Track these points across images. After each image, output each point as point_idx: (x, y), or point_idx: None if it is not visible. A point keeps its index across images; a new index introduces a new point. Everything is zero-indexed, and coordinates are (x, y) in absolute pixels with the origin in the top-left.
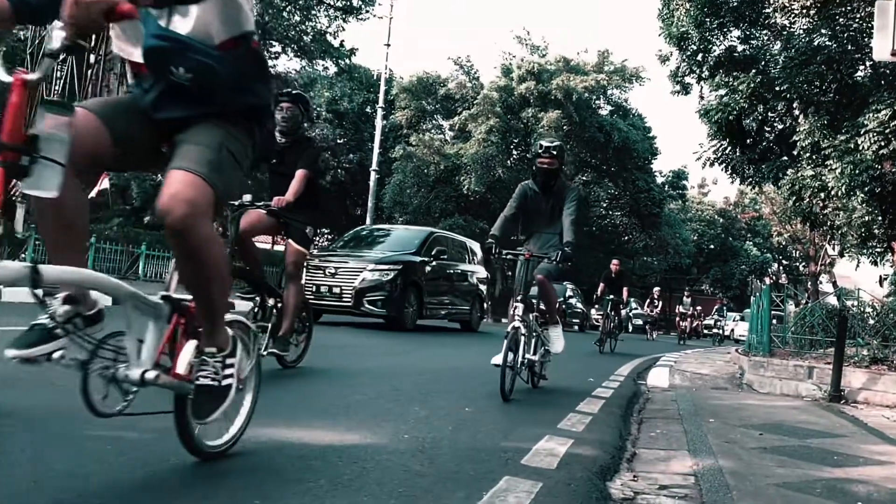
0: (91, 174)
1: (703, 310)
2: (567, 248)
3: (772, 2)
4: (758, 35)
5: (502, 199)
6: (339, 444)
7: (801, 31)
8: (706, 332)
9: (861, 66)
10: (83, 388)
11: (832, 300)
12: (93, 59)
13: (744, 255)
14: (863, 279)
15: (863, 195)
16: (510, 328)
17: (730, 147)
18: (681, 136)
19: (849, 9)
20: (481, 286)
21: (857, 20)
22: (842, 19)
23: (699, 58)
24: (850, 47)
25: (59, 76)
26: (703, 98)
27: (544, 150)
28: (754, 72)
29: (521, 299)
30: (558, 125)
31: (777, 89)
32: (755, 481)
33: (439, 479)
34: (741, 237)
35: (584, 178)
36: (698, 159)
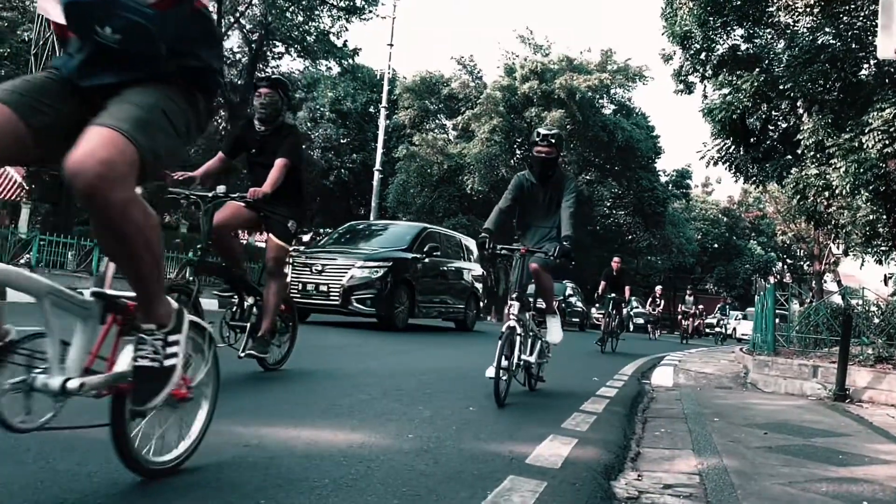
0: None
1: (705, 308)
2: (565, 243)
3: (775, 0)
4: (761, 34)
5: None
6: (343, 443)
7: (804, 30)
8: (707, 331)
9: (865, 65)
10: None
11: (837, 299)
12: None
13: (748, 254)
14: (867, 278)
15: (867, 194)
16: (505, 328)
17: (733, 146)
18: (684, 135)
19: (853, 7)
20: (477, 284)
21: (861, 18)
22: (846, 17)
23: (702, 56)
24: (854, 46)
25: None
26: (706, 97)
27: (542, 139)
28: (758, 70)
29: (516, 297)
30: (562, 124)
31: (781, 88)
32: (760, 480)
33: (443, 479)
34: (745, 236)
35: (587, 177)
36: (702, 158)
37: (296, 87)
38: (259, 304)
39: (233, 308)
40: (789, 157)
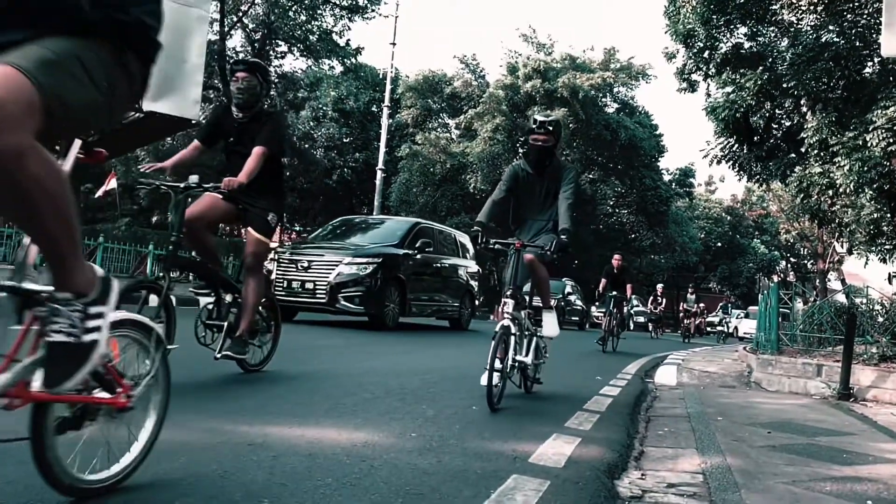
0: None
1: (707, 307)
2: (563, 237)
3: None
4: (765, 32)
5: None
6: (346, 442)
7: (808, 28)
8: (709, 329)
9: (869, 63)
10: None
11: (841, 298)
12: None
13: (751, 253)
14: (872, 276)
15: (871, 192)
16: (499, 327)
17: (737, 144)
18: (688, 133)
19: (856, 4)
20: (472, 282)
21: (864, 16)
22: (849, 15)
23: (706, 55)
24: (857, 44)
25: None
26: (709, 95)
27: (538, 126)
28: (761, 69)
29: (510, 294)
30: (564, 123)
31: (784, 86)
32: (764, 479)
33: (447, 478)
34: (749, 235)
35: (590, 175)
36: (705, 157)
37: (298, 86)
38: (238, 301)
39: (209, 306)
40: (793, 155)
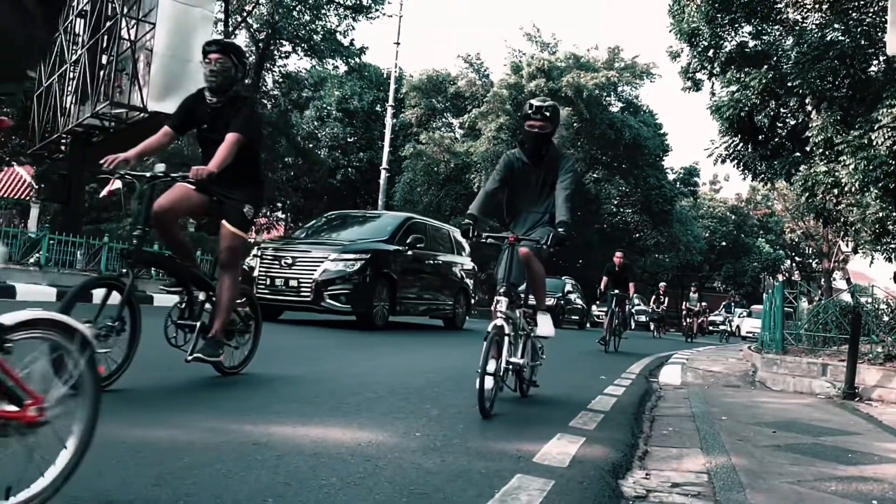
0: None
1: (709, 306)
2: (560, 230)
3: None
4: (769, 30)
5: None
6: (351, 441)
7: (813, 26)
8: (711, 328)
9: (874, 61)
10: None
11: (846, 297)
12: (105, 59)
13: (756, 252)
14: (877, 275)
15: (877, 191)
16: (491, 326)
17: (741, 143)
18: (692, 132)
19: (862, 3)
20: (467, 279)
21: (870, 15)
22: (855, 14)
23: (710, 54)
24: (863, 42)
25: (71, 77)
26: (714, 94)
27: (535, 111)
28: (766, 67)
29: (504, 292)
30: (569, 122)
31: (789, 85)
32: (769, 479)
33: (451, 478)
34: (753, 234)
35: (594, 175)
36: (710, 156)
37: (303, 86)
38: (212, 300)
39: (181, 305)
40: (798, 154)
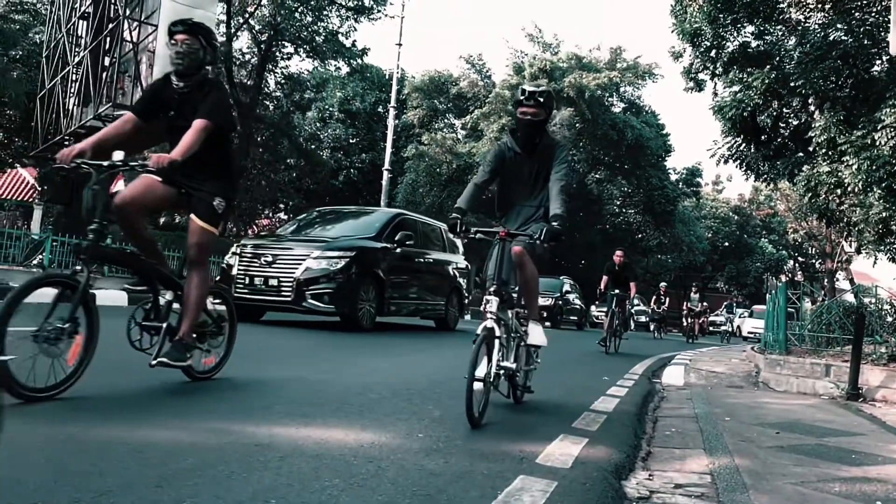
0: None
1: (709, 306)
2: (555, 223)
3: None
4: (772, 30)
5: None
6: (353, 442)
7: (816, 26)
8: (712, 328)
9: (877, 61)
10: None
11: (849, 297)
12: (107, 62)
13: (759, 253)
14: (880, 276)
15: (880, 191)
16: (481, 329)
17: (744, 144)
18: (695, 133)
19: (865, 3)
20: (461, 278)
21: (873, 14)
22: (858, 14)
23: (713, 54)
24: (866, 42)
25: (74, 79)
26: (716, 94)
27: (528, 97)
28: (769, 67)
29: (494, 291)
30: (571, 123)
31: (792, 85)
32: (772, 480)
33: (454, 479)
34: (756, 234)
35: (597, 175)
36: (712, 156)
37: (305, 87)
38: (181, 299)
39: (146, 305)
40: (801, 154)
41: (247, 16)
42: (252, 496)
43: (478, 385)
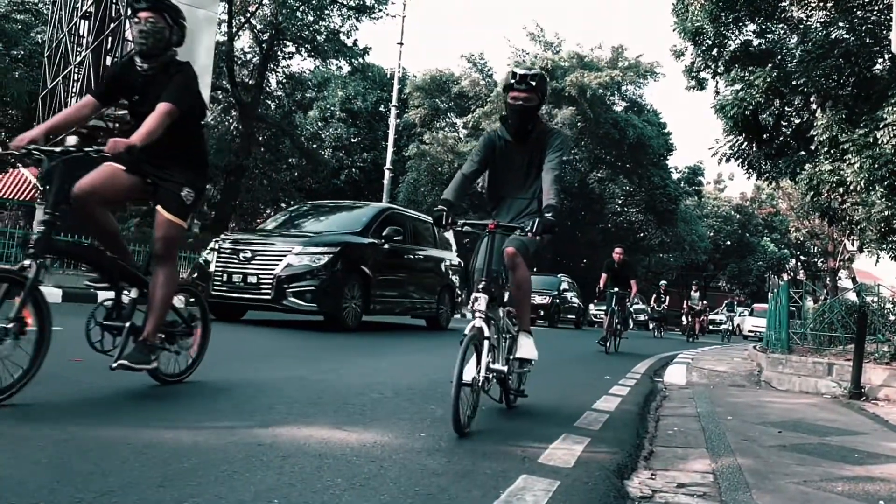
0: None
1: (709, 304)
2: (548, 214)
3: None
4: (774, 29)
5: None
6: (356, 442)
7: (818, 25)
8: (711, 327)
9: (879, 60)
10: None
11: (851, 296)
12: (109, 61)
13: (761, 252)
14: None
15: (882, 189)
16: (468, 329)
17: (746, 142)
18: (696, 131)
19: (866, 1)
20: (453, 276)
21: (875, 13)
22: (859, 12)
23: (714, 53)
24: (868, 40)
25: (76, 79)
26: (718, 93)
27: (519, 80)
28: (770, 66)
29: (483, 287)
30: (572, 122)
31: (794, 83)
32: (775, 479)
33: (456, 478)
34: (758, 233)
35: (599, 174)
36: (714, 155)
37: (306, 86)
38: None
39: (107, 303)
40: (803, 153)
41: (248, 15)
42: (254, 496)
43: (468, 390)
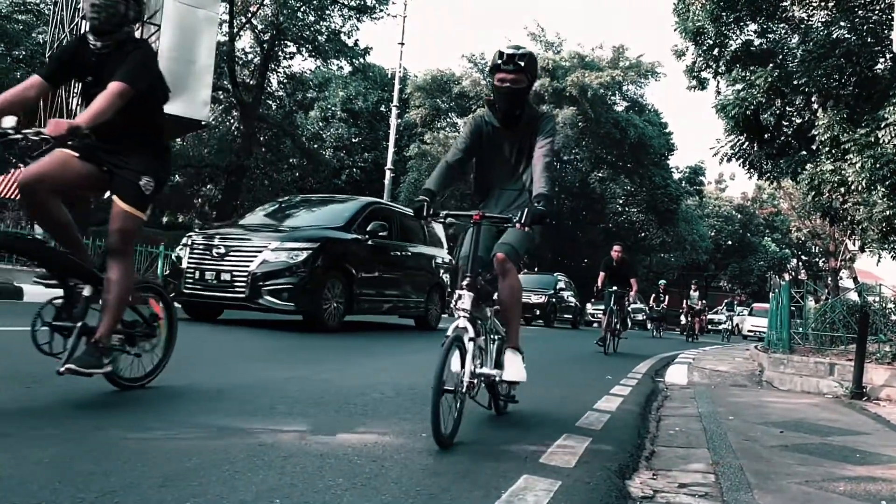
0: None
1: (708, 304)
2: (538, 204)
3: None
4: (775, 28)
5: None
6: (357, 442)
7: (819, 24)
8: (710, 327)
9: (881, 59)
10: None
11: (853, 296)
12: None
13: (762, 251)
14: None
15: (884, 189)
16: (451, 329)
17: (747, 142)
18: (697, 131)
19: (867, 1)
20: (443, 274)
21: (876, 12)
22: (861, 11)
23: (715, 52)
24: (869, 40)
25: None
26: (719, 93)
27: (506, 60)
28: (772, 66)
29: (468, 285)
30: (573, 122)
31: (795, 83)
32: (776, 479)
33: (457, 478)
34: (759, 233)
35: (600, 174)
36: (715, 155)
37: (307, 86)
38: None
39: (56, 302)
40: (804, 152)
41: (249, 15)
42: (256, 496)
43: (451, 396)
